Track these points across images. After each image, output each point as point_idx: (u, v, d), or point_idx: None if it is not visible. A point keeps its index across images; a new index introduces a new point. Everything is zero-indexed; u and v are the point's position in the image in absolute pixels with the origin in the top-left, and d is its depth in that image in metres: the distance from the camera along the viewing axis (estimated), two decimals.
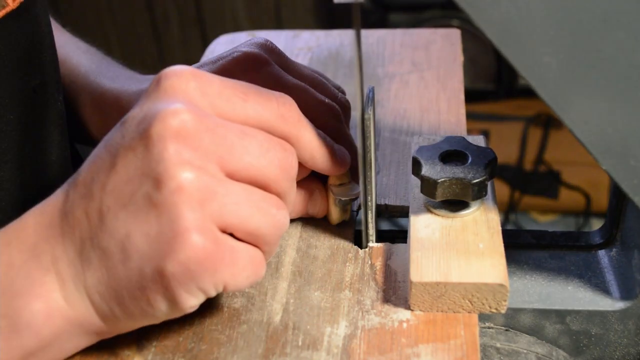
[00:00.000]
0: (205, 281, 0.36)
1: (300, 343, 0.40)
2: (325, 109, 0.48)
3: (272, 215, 0.38)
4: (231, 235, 0.37)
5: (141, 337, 0.41)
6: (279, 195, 0.39)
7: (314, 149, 0.42)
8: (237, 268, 0.37)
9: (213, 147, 0.36)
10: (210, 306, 0.43)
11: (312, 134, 0.42)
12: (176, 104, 0.36)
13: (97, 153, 0.38)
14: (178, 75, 0.37)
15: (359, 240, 0.47)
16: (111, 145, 0.37)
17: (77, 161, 0.58)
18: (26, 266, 0.37)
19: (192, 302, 0.37)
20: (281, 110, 0.40)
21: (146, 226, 0.35)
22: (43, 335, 0.37)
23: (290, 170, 0.39)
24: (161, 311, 0.37)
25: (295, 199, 0.46)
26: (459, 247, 0.42)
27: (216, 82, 0.38)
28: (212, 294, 0.37)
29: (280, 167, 0.38)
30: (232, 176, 0.37)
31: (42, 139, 0.52)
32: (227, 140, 0.36)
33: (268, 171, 0.38)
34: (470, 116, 0.60)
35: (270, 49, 0.50)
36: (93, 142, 0.60)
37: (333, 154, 0.44)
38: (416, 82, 0.65)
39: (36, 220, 0.38)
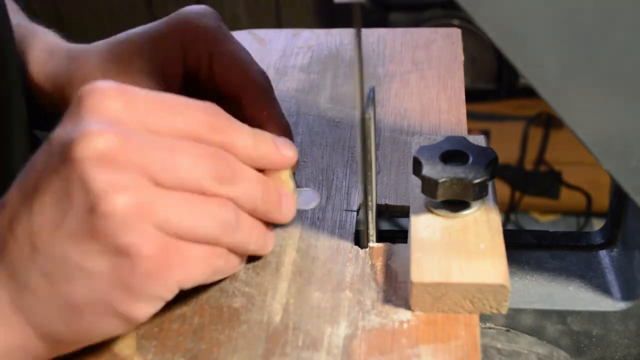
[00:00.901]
0: (158, 288, 0.36)
1: (300, 343, 0.40)
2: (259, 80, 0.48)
3: (214, 215, 0.37)
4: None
5: (141, 336, 0.41)
6: (225, 198, 0.38)
7: (251, 150, 0.41)
8: (189, 267, 0.37)
9: (143, 164, 0.35)
10: (210, 306, 0.43)
11: (245, 136, 0.41)
12: (99, 125, 0.35)
13: (25, 173, 0.37)
14: (101, 92, 0.36)
15: (359, 241, 0.47)
16: (36, 167, 0.36)
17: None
18: None
19: (145, 311, 0.37)
20: (210, 120, 0.39)
21: (84, 247, 0.35)
22: None
23: (225, 176, 0.38)
24: (112, 326, 0.37)
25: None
26: (460, 248, 0.42)
27: (142, 96, 0.37)
28: (169, 297, 0.37)
29: (214, 177, 0.37)
30: (168, 189, 0.36)
31: (10, 149, 0.51)
32: (157, 156, 0.35)
33: (203, 182, 0.37)
34: (470, 116, 0.60)
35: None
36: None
37: (274, 148, 0.42)
38: (416, 82, 0.65)
39: None
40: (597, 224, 1.81)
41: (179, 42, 0.50)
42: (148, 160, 0.35)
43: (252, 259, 0.46)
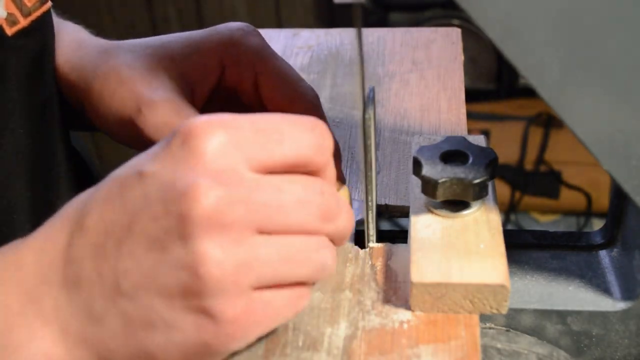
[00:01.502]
0: (237, 345, 0.35)
1: (300, 344, 0.40)
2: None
3: (312, 261, 0.36)
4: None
5: None
6: (326, 236, 0.38)
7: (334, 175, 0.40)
8: (273, 318, 0.36)
9: (249, 218, 0.34)
10: None
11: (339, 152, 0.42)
12: (207, 179, 0.33)
13: (110, 199, 0.35)
14: (206, 131, 0.34)
15: (359, 241, 0.47)
16: (128, 201, 0.34)
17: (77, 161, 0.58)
18: (25, 312, 0.35)
19: None
20: (318, 140, 0.37)
21: (173, 302, 0.34)
22: None
23: (331, 215, 0.37)
24: None
25: None
26: (460, 248, 0.42)
27: (247, 127, 0.35)
28: (243, 347, 0.37)
29: (321, 215, 0.36)
30: (271, 233, 0.35)
31: (51, 154, 0.52)
32: (263, 205, 0.34)
33: (307, 223, 0.36)
34: (470, 116, 0.60)
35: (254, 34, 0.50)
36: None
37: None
38: (416, 82, 0.65)
39: (35, 258, 0.36)
40: (597, 224, 1.81)
41: (218, 58, 0.49)
42: (254, 212, 0.34)
43: None
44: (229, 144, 0.34)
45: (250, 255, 0.34)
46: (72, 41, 0.54)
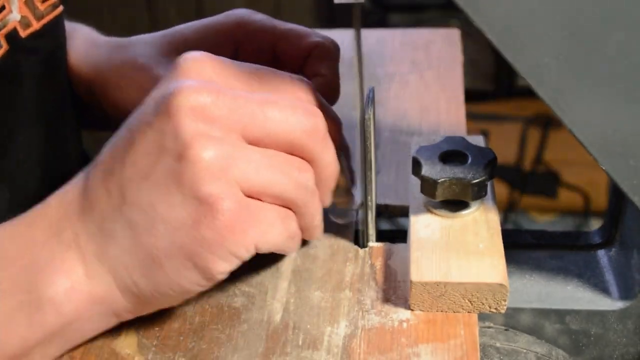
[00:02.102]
0: (236, 244, 0.37)
1: (300, 342, 0.40)
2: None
3: (294, 178, 0.38)
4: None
5: (141, 336, 0.41)
6: (308, 159, 0.39)
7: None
8: (265, 226, 0.37)
9: (233, 117, 0.36)
10: (210, 305, 0.43)
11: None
12: (194, 82, 0.36)
13: (118, 134, 0.39)
14: (195, 59, 0.38)
15: (359, 240, 0.47)
16: (130, 124, 0.38)
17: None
18: (49, 243, 0.38)
19: (223, 268, 0.37)
20: (297, 93, 0.40)
21: (169, 196, 0.36)
22: (64, 311, 0.37)
23: (317, 133, 0.39)
24: (190, 280, 0.38)
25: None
26: (459, 247, 0.42)
27: (232, 65, 0.39)
28: (245, 256, 0.38)
29: (305, 131, 0.38)
30: (256, 143, 0.37)
31: (63, 154, 0.53)
32: (247, 109, 0.37)
33: (292, 136, 0.38)
34: (469, 116, 0.60)
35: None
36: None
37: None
38: (416, 82, 0.65)
39: (58, 199, 0.39)
40: (595, 224, 1.81)
41: (231, 37, 0.51)
42: (239, 114, 0.36)
43: (253, 258, 0.46)
44: (213, 70, 0.38)
45: (236, 152, 0.36)
46: (85, 40, 0.56)
